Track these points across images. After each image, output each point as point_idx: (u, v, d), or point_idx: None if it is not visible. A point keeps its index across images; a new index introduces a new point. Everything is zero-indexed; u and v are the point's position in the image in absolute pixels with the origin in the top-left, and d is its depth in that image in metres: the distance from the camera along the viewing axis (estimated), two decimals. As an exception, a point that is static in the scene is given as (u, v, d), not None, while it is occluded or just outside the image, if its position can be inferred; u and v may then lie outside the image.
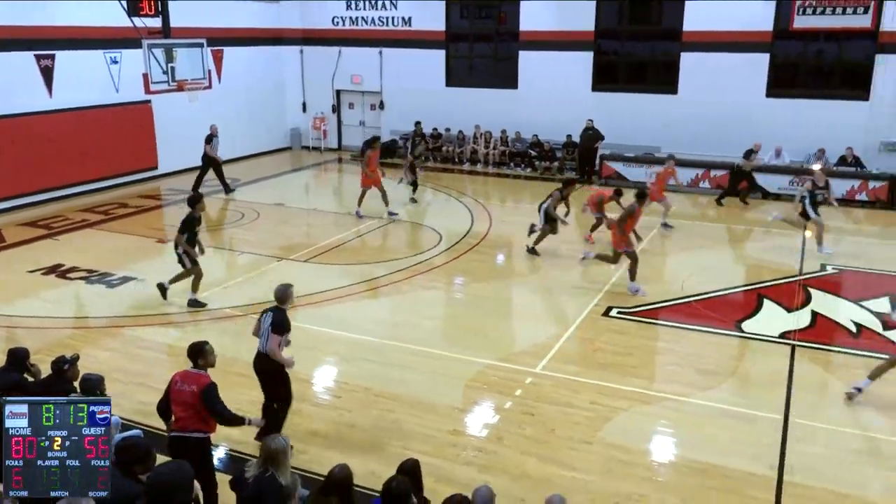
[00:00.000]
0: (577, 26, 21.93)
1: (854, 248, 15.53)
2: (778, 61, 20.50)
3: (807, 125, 19.91)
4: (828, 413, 8.66)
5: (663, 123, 21.14)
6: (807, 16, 19.45)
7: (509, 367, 9.57)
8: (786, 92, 20.43)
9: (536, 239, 14.55)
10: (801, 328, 11.01)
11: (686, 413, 8.56)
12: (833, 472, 7.42)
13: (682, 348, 10.29)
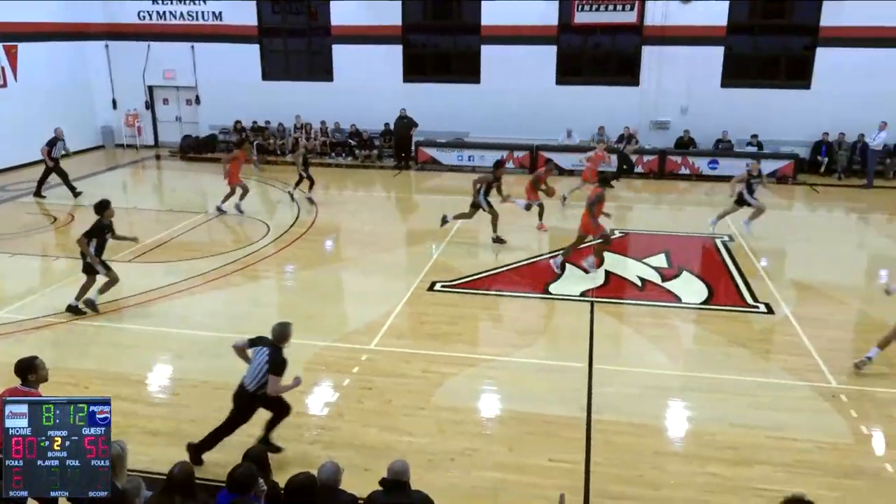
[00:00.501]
0: (385, 21, 22.11)
1: (635, 213, 16.94)
2: (564, 52, 21.72)
3: (590, 109, 21.30)
4: (623, 358, 9.45)
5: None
6: (585, 12, 20.75)
7: (345, 346, 9.61)
8: (571, 80, 21.71)
9: (493, 226, 14.09)
10: (597, 286, 11.87)
11: (507, 370, 9.02)
12: (631, 407, 8.11)
13: (500, 313, 10.81)
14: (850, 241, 15.35)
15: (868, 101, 20.09)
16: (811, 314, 10.78)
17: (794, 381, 8.79)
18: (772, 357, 9.51)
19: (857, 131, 20.39)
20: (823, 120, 20.47)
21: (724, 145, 20.88)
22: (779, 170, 20.06)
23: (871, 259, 14.06)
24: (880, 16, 19.77)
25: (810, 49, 20.69)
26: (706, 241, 14.55)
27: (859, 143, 20.42)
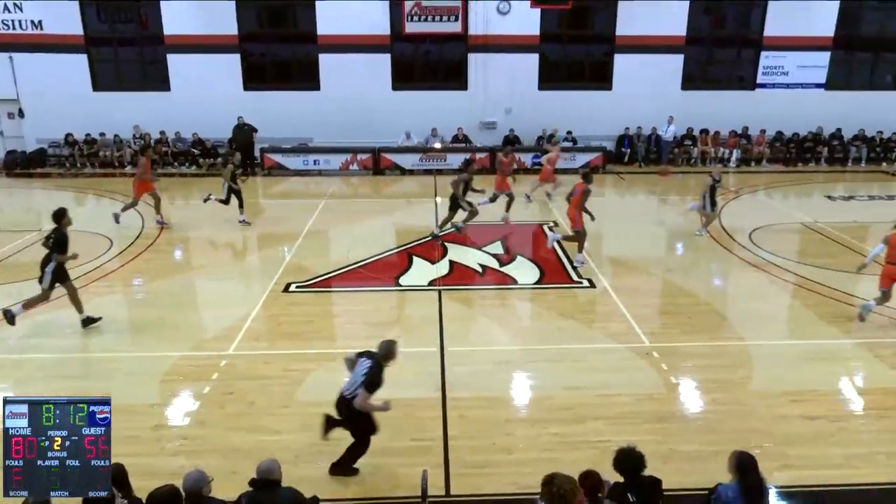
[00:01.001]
0: (220, 30, 21.34)
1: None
2: (397, 60, 21.96)
3: (425, 112, 21.70)
4: (471, 338, 9.78)
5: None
6: (415, 22, 21.08)
7: (203, 354, 9.24)
8: (406, 85, 22.01)
9: (466, 217, 14.34)
10: (443, 276, 12.18)
11: (365, 361, 9.08)
12: (481, 383, 8.43)
13: (355, 308, 10.83)
14: (652, 220, 16.62)
15: (656, 98, 22.03)
16: (625, 285, 11.64)
17: (616, 344, 9.48)
18: (596, 325, 10.19)
19: (651, 125, 22.17)
20: (624, 116, 22.06)
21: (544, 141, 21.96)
22: (591, 161, 21.34)
23: (669, 235, 15.30)
24: (662, 26, 21.68)
25: (609, 55, 22.20)
26: (535, 228, 15.29)
27: (653, 136, 22.24)
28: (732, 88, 22.94)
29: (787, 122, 22.83)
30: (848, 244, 14.00)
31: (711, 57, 23.05)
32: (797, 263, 12.89)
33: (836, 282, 11.82)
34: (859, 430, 7.54)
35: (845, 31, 22.74)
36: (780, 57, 22.61)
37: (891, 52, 23.22)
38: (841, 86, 23.01)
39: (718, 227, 15.09)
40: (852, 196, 18.71)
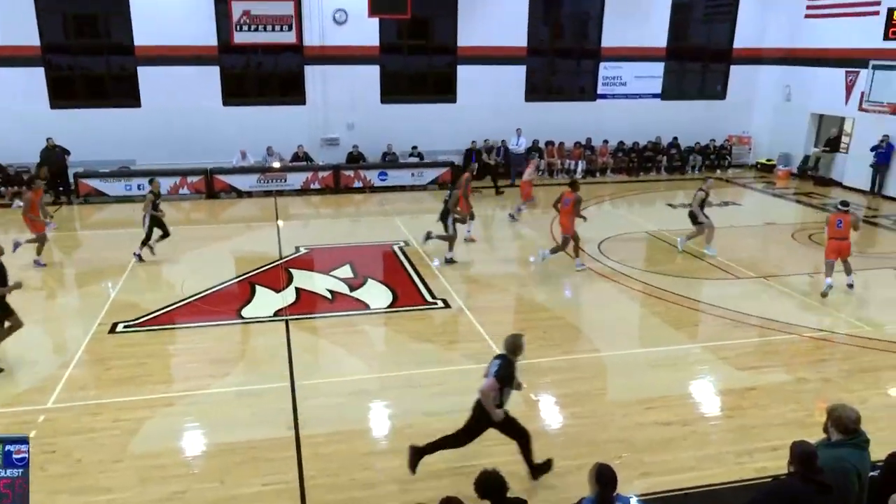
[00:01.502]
0: (19, 40, 19.89)
1: (317, 230, 17.41)
2: (227, 73, 21.48)
3: (261, 128, 21.36)
4: (323, 370, 9.72)
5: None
6: (244, 32, 20.70)
7: (17, 410, 8.58)
8: (238, 100, 21.57)
9: (449, 245, 14.37)
10: (289, 304, 12.04)
11: (208, 403, 8.78)
12: (336, 416, 8.40)
13: (194, 345, 10.47)
14: (505, 235, 17.29)
15: (501, 110, 23.04)
16: (480, 304, 12.06)
17: (475, 364, 9.65)
18: (453, 347, 10.47)
19: (498, 137, 23.11)
20: (470, 129, 22.81)
21: (390, 157, 22.21)
22: (439, 177, 21.87)
23: (520, 249, 16.00)
24: (504, 37, 22.70)
25: (452, 66, 22.93)
26: (386, 248, 15.46)
27: (502, 149, 23.16)
28: (574, 99, 24.36)
29: (627, 132, 24.52)
30: (689, 250, 15.23)
31: (553, 68, 24.38)
32: (644, 272, 13.87)
33: (681, 288, 12.88)
34: (709, 432, 8.24)
35: (677, 43, 24.83)
36: (617, 67, 24.30)
37: (717, 62, 25.57)
38: (675, 95, 25.07)
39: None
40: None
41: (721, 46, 25.45)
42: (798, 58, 24.24)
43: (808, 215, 19.17)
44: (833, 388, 9.31)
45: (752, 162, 26.13)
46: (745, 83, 25.49)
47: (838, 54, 22.43)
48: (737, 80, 25.52)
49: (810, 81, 23.70)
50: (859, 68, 21.47)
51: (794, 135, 24.51)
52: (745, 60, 25.27)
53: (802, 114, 24.20)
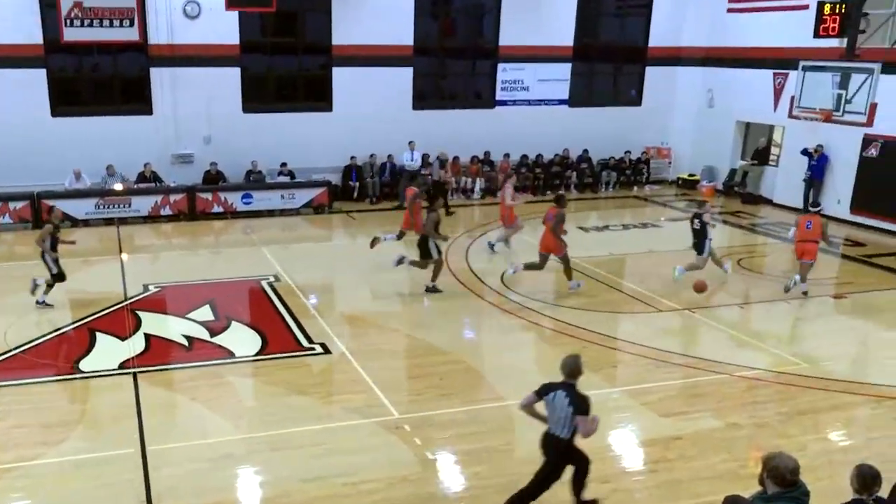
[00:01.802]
0: None
1: (169, 264, 17.42)
2: (56, 77, 21.16)
3: (99, 143, 21.08)
4: (180, 431, 9.84)
5: None
6: (76, 28, 20.45)
7: None
8: (70, 109, 21.27)
9: (433, 273, 15.13)
10: (138, 354, 12.05)
11: (40, 476, 8.74)
12: (197, 486, 8.53)
13: (20, 407, 10.34)
14: (391, 266, 17.68)
15: (386, 120, 23.53)
16: (366, 347, 12.43)
17: (360, 419, 10.10)
18: (335, 399, 10.80)
19: (384, 151, 23.66)
20: (349, 142, 23.26)
21: (255, 177, 22.37)
22: (314, 199, 22.18)
23: (413, 282, 16.34)
24: (386, 35, 23.27)
25: (327, 69, 23.39)
26: (252, 284, 15.64)
27: (388, 164, 23.69)
28: (470, 106, 25.29)
29: (531, 144, 25.44)
30: (605, 279, 16.12)
31: (444, 70, 25.22)
32: (554, 306, 14.61)
33: (596, 323, 13.60)
34: (632, 489, 8.78)
35: (585, 41, 26.05)
36: (518, 69, 25.34)
37: (631, 63, 27.00)
38: (584, 101, 26.32)
39: (466, 270, 16.58)
40: (606, 226, 21.47)
41: (635, 45, 26.85)
42: (721, 58, 25.74)
43: (736, 238, 20.49)
44: (768, 433, 9.99)
45: (672, 177, 27.61)
46: (663, 87, 26.92)
47: (765, 54, 23.91)
48: (653, 83, 26.95)
49: (735, 85, 25.17)
50: (788, 70, 22.74)
51: (718, 146, 26.00)
52: (663, 61, 26.75)
53: (727, 122, 25.73)
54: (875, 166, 20.88)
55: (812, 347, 13.01)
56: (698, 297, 14.74)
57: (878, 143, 20.83)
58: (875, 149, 20.89)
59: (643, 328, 13.55)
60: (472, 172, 24.78)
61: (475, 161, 24.84)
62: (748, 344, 12.98)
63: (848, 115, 20.29)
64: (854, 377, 11.74)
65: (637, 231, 20.97)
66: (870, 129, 20.61)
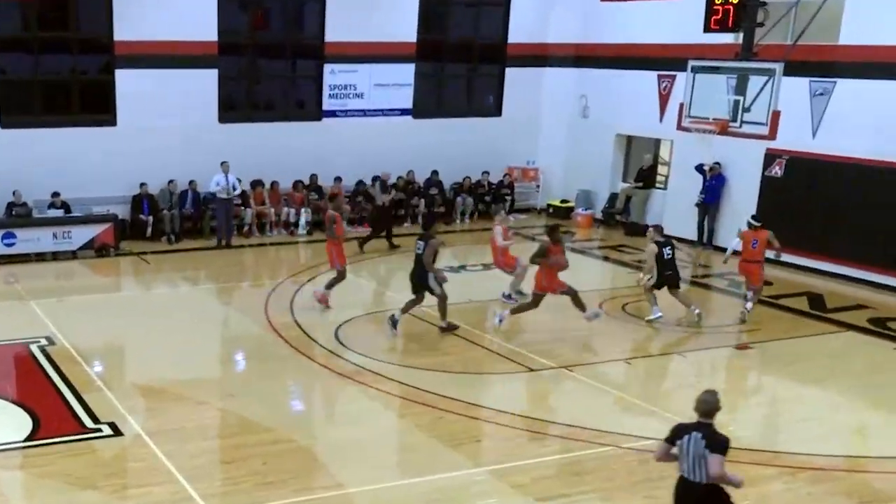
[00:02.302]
0: None
1: None
2: None
3: None
4: None
5: None
6: None
7: None
8: None
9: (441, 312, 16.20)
10: None
11: None
12: None
13: None
14: (198, 320, 17.84)
15: (188, 137, 23.58)
16: (167, 425, 12.50)
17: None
18: (129, 494, 10.79)
19: (187, 176, 23.59)
20: (140, 165, 23.07)
21: (19, 210, 21.94)
22: (96, 238, 21.93)
23: (224, 342, 16.72)
24: (184, 28, 23.29)
25: (109, 71, 23.22)
26: (18, 350, 15.42)
27: (191, 193, 23.63)
28: (291, 118, 25.60)
29: (368, 165, 25.63)
30: (464, 333, 16.65)
31: (257, 73, 25.49)
32: (401, 367, 15.02)
33: (454, 388, 14.00)
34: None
35: (431, 36, 26.84)
36: (350, 72, 25.88)
37: (488, 63, 27.91)
38: (432, 111, 27.11)
39: (292, 324, 16.86)
40: (463, 265, 22.17)
41: (492, 41, 27.73)
42: (596, 57, 26.92)
43: (620, 277, 21.44)
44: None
45: (541, 204, 28.60)
46: (527, 93, 27.88)
47: (648, 52, 25.05)
48: (515, 88, 27.89)
49: (613, 90, 26.31)
50: (675, 71, 23.59)
51: (595, 165, 27.09)
52: (526, 61, 27.71)
53: (606, 136, 26.91)
54: (780, 188, 21.93)
55: None
56: (576, 354, 15.58)
57: (782, 159, 21.92)
58: (780, 167, 22.05)
59: (512, 392, 14.10)
60: (297, 202, 24.97)
61: (299, 187, 25.01)
62: (638, 408, 13.56)
63: (747, 126, 20.06)
64: (764, 445, 12.39)
65: (501, 272, 21.58)
66: (773, 143, 21.07)
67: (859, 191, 20.64)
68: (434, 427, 12.78)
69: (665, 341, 16.59)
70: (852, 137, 20.67)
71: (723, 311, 18.56)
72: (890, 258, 20.20)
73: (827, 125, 21.46)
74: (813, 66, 21.31)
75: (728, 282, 20.96)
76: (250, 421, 12.87)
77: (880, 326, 17.87)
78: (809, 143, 21.67)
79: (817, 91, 21.62)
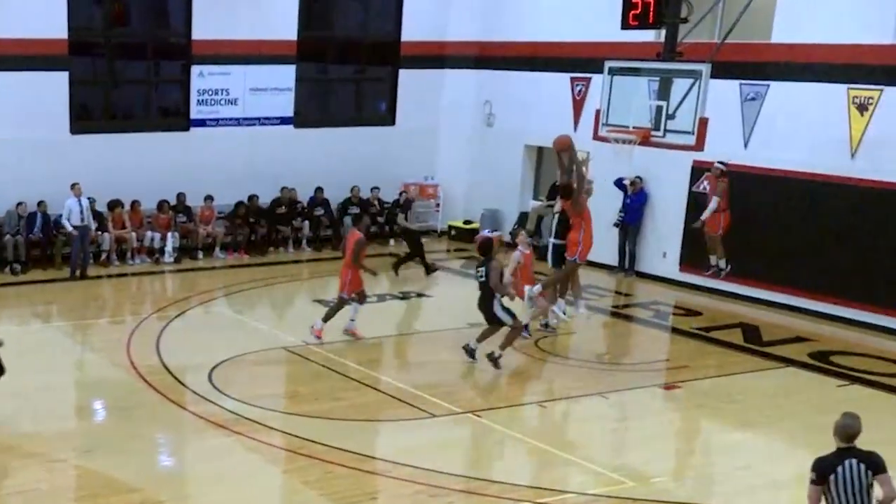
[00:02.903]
0: None
1: None
2: None
3: None
4: None
5: None
6: None
7: None
8: None
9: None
10: None
11: None
12: None
13: None
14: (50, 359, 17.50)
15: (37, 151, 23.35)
16: (17, 487, 12.29)
17: None
18: None
19: (36, 197, 23.31)
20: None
21: None
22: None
23: (84, 387, 16.62)
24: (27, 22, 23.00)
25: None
26: None
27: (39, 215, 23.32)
28: (155, 128, 25.46)
29: (243, 182, 25.72)
30: (355, 374, 16.76)
31: (113, 75, 25.35)
32: (285, 414, 15.07)
33: (345, 437, 13.96)
34: None
35: (314, 33, 27.01)
36: (222, 74, 25.84)
37: (379, 64, 28.20)
38: (316, 120, 27.34)
39: (158, 367, 16.75)
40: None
41: (383, 39, 27.99)
42: (501, 57, 27.30)
43: None
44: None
45: (442, 225, 28.91)
46: (424, 99, 28.15)
47: (559, 51, 25.48)
48: (411, 93, 28.13)
49: (521, 95, 26.69)
50: (590, 73, 23.97)
51: (503, 181, 27.43)
52: (422, 62, 27.98)
53: (513, 147, 27.29)
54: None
55: (639, 459, 13.81)
56: (483, 396, 15.84)
57: (711, 173, 21.96)
58: (708, 182, 22.29)
59: (411, 441, 14.09)
60: (161, 225, 24.71)
61: (165, 207, 24.77)
62: (555, 458, 13.69)
63: (671, 136, 20.12)
64: (696, 497, 12.57)
65: (396, 304, 21.80)
66: (700, 155, 21.20)
67: (798, 208, 21.01)
68: (323, 483, 12.78)
69: (583, 381, 16.79)
70: (788, 148, 21.10)
71: (647, 346, 18.82)
72: (832, 285, 20.52)
73: (760, 134, 21.83)
74: (743, 68, 21.70)
75: (653, 312, 21.32)
76: (113, 479, 12.68)
77: (823, 361, 18.25)
78: (741, 153, 21.97)
79: (749, 95, 21.97)
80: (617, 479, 12.98)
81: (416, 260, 23.86)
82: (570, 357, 18.38)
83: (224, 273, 23.82)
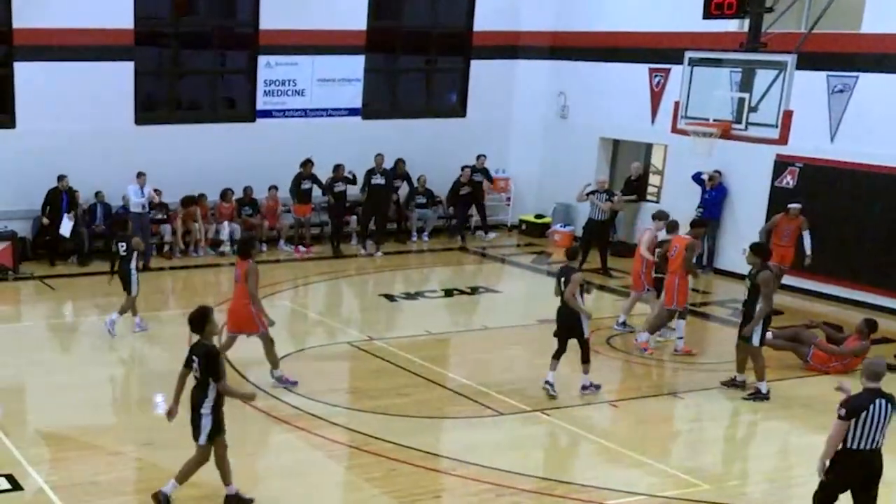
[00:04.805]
0: None
1: None
2: None
3: None
4: None
5: None
6: None
7: None
8: None
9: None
10: None
11: None
12: None
13: None
14: (111, 351, 17.95)
15: (100, 138, 23.55)
16: (74, 479, 12.51)
17: None
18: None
19: (95, 187, 23.63)
20: (42, 173, 22.88)
21: None
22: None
23: (145, 380, 16.87)
24: (89, 14, 23.22)
25: (7, 64, 23.18)
26: None
27: (100, 206, 23.66)
28: (220, 119, 25.66)
29: None
30: (420, 370, 16.81)
31: (180, 66, 25.58)
32: (349, 411, 15.16)
33: (410, 435, 14.03)
34: None
35: (384, 24, 26.97)
36: (290, 65, 25.91)
37: (450, 55, 28.19)
38: (385, 112, 27.29)
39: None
40: (419, 292, 22.28)
41: (455, 30, 27.93)
42: (576, 48, 27.14)
43: (605, 305, 21.49)
44: None
45: (512, 220, 28.87)
46: (496, 91, 28.02)
47: (637, 42, 25.28)
48: (482, 85, 28.03)
49: (597, 86, 26.47)
50: (670, 64, 23.52)
51: (576, 175, 26.60)
52: (494, 53, 27.90)
53: (588, 140, 27.05)
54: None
55: (714, 461, 13.85)
56: (549, 398, 15.74)
57: (795, 167, 22.07)
58: (792, 176, 22.21)
59: (478, 439, 14.14)
60: (224, 215, 24.94)
61: (229, 196, 24.95)
62: (625, 458, 13.62)
63: (753, 129, 19.29)
64: (771, 501, 12.60)
65: (465, 299, 21.84)
66: (783, 149, 20.66)
67: (887, 205, 20.76)
68: (386, 481, 12.85)
69: (657, 380, 16.85)
70: (877, 142, 20.75)
71: (724, 346, 18.64)
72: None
73: (847, 127, 21.47)
74: (831, 59, 21.34)
75: (730, 310, 21.12)
76: (173, 473, 12.43)
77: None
78: (827, 148, 21.71)
79: (836, 87, 21.64)
80: (690, 481, 12.93)
81: None
82: (646, 356, 18.19)
83: (292, 266, 23.90)
